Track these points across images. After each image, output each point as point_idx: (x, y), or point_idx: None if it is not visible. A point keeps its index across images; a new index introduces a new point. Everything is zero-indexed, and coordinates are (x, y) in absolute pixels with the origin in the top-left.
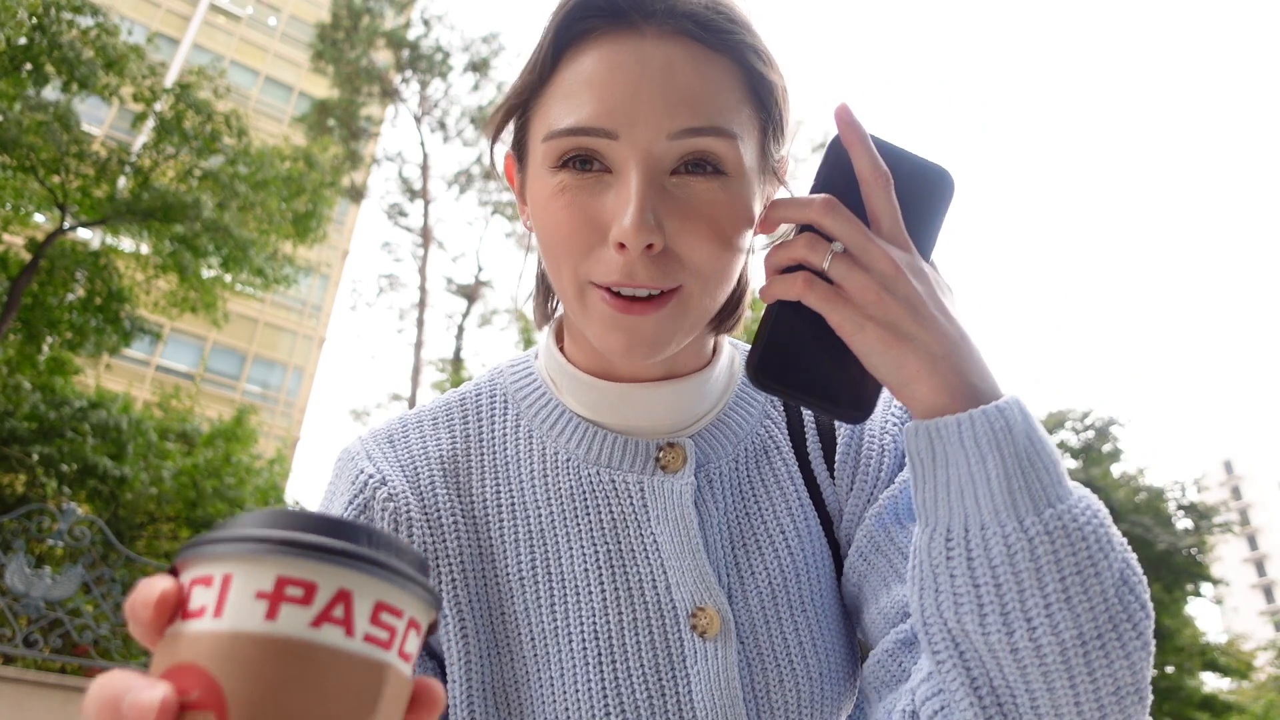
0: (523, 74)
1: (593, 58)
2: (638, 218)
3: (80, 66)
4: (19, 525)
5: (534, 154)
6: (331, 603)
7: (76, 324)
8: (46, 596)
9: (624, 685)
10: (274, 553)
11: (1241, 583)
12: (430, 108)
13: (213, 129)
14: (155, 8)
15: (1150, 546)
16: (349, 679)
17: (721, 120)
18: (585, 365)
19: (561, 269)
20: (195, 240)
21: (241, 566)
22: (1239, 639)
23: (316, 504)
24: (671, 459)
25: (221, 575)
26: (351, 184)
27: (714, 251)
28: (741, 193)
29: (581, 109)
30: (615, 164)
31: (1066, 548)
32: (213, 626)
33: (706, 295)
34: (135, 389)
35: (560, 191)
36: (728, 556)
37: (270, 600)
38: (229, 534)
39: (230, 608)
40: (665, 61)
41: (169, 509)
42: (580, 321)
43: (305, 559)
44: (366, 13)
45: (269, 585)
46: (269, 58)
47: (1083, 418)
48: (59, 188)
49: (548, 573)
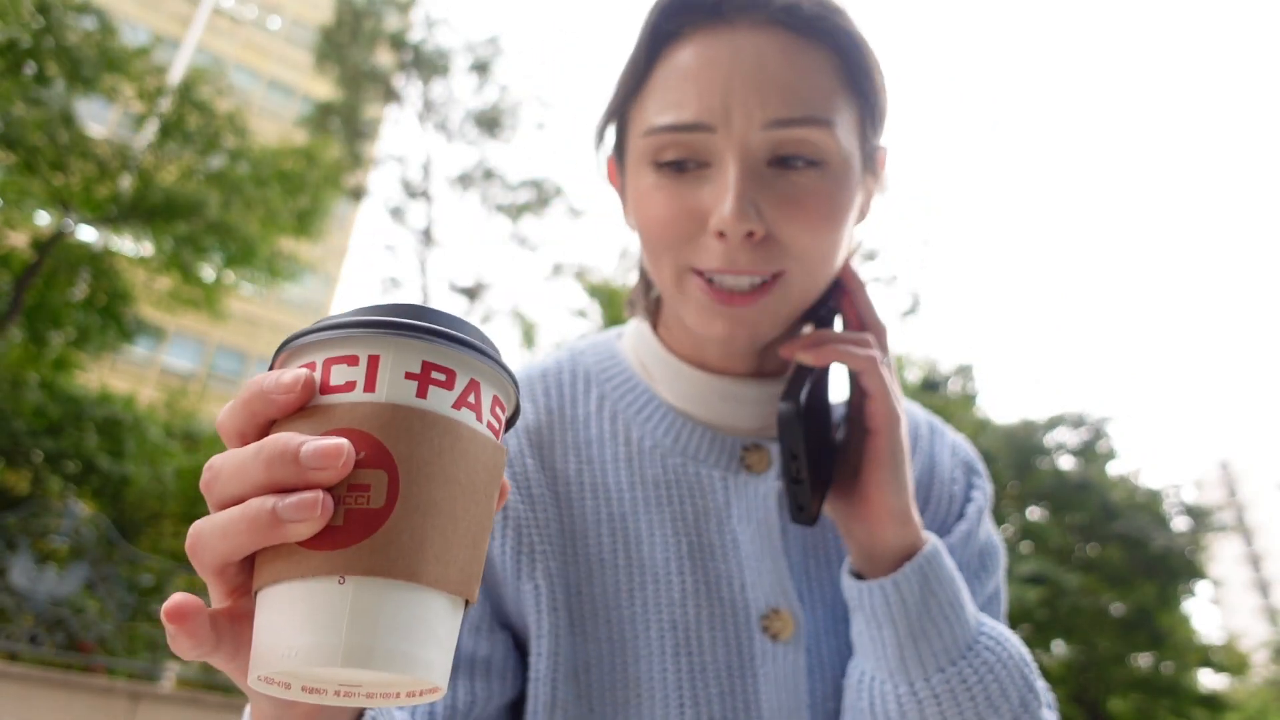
0: (621, 76)
1: (687, 53)
2: (737, 205)
3: (84, 67)
4: (24, 523)
5: (633, 152)
6: (466, 390)
7: (80, 323)
8: (51, 594)
9: (699, 678)
10: (421, 339)
11: (1237, 581)
12: (432, 109)
13: (215, 128)
14: (157, 10)
15: (1147, 546)
16: (482, 455)
17: (815, 110)
18: (680, 354)
19: (661, 258)
20: (198, 239)
21: (389, 349)
22: (1235, 637)
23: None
24: (757, 460)
25: (367, 355)
26: (354, 184)
27: (816, 238)
28: (840, 179)
29: (678, 105)
30: (713, 156)
31: (953, 708)
32: (369, 398)
33: (809, 279)
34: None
35: (659, 185)
36: (802, 564)
37: (419, 381)
38: (361, 319)
39: (384, 384)
40: (756, 53)
41: (172, 507)
42: (679, 308)
43: (446, 348)
44: (369, 15)
45: (416, 368)
46: (272, 60)
47: (1080, 417)
48: (62, 187)
49: (628, 558)
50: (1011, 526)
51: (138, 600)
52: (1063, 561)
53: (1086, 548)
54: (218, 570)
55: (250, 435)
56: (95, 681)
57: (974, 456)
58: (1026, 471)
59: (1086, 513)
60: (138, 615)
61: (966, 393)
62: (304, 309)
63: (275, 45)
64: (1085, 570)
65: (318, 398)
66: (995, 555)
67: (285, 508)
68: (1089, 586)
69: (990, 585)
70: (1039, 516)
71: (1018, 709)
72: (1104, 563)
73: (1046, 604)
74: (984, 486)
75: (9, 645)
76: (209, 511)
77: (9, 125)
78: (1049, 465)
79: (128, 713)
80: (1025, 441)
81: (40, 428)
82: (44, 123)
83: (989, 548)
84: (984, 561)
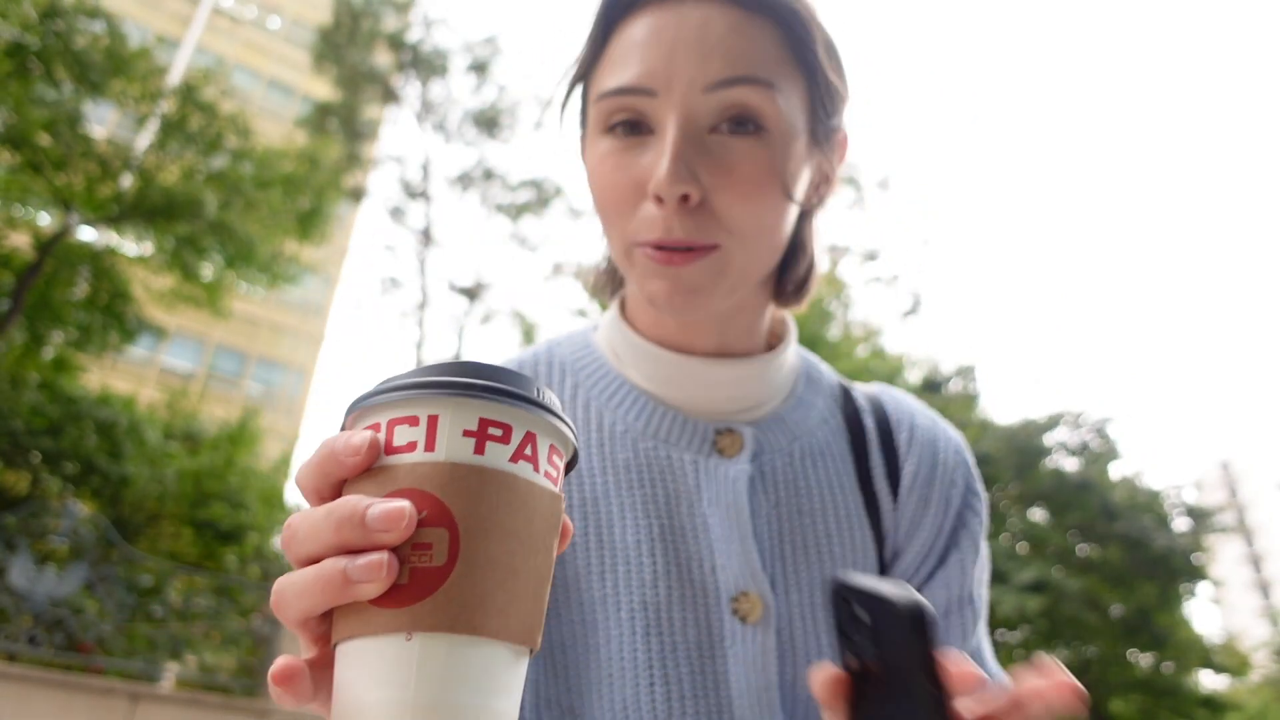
0: (579, 55)
1: (638, 25)
2: (671, 168)
3: (92, 71)
4: (23, 524)
5: (589, 122)
6: (523, 442)
7: (81, 322)
8: (50, 595)
9: (669, 658)
10: (477, 397)
11: (1238, 581)
12: (431, 109)
13: (217, 129)
14: (157, 10)
15: (1148, 547)
16: (540, 505)
17: (756, 69)
18: (647, 335)
19: (611, 231)
20: (198, 239)
21: (447, 408)
22: (1236, 637)
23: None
24: (728, 444)
25: (427, 415)
26: (353, 185)
27: (750, 206)
28: (781, 149)
29: (624, 71)
30: (656, 123)
31: None
32: (429, 458)
33: (745, 253)
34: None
35: (607, 155)
36: (774, 549)
37: (477, 438)
38: (421, 380)
39: (443, 443)
40: (702, 19)
41: (171, 508)
42: (629, 279)
43: (502, 404)
44: (368, 15)
45: (473, 425)
46: (271, 60)
47: (1081, 417)
48: (64, 187)
49: (599, 540)
50: (1012, 529)
51: (137, 601)
52: (1063, 562)
53: (1087, 548)
54: (300, 624)
55: (325, 493)
56: (94, 682)
57: (973, 463)
58: (1027, 472)
59: (1087, 513)
60: (137, 616)
61: (968, 393)
62: (304, 309)
63: (275, 45)
64: (1086, 571)
65: (383, 458)
66: (984, 572)
67: (354, 570)
68: (1090, 589)
69: (980, 604)
70: (1039, 517)
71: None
72: (1104, 563)
73: (1046, 614)
74: (982, 505)
75: (8, 646)
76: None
77: (14, 125)
78: (1049, 465)
79: (127, 713)
80: (1026, 442)
81: (40, 428)
82: (48, 123)
83: (980, 568)
84: (977, 612)
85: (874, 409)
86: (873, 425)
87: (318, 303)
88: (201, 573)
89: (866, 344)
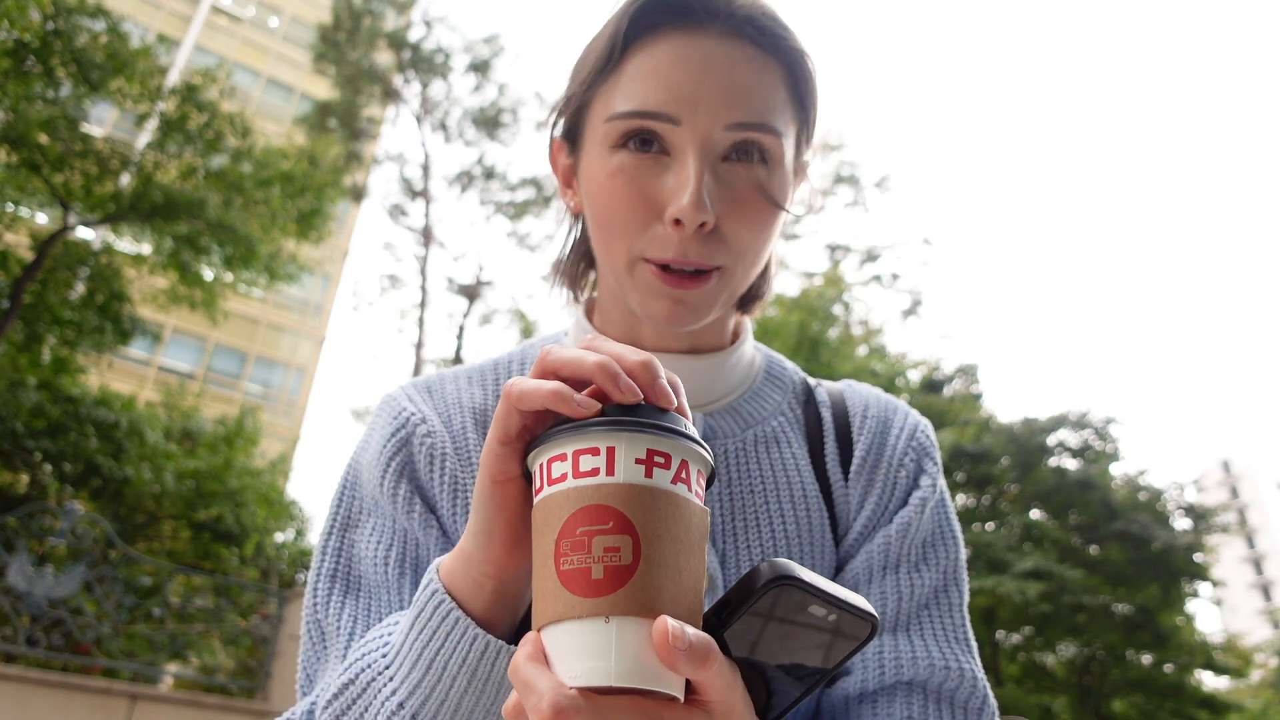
0: (589, 64)
1: (661, 50)
2: (695, 197)
3: (93, 70)
4: (22, 524)
5: (592, 135)
6: (680, 468)
7: (78, 322)
8: (49, 595)
9: None
10: (645, 432)
11: (1239, 582)
12: (431, 108)
13: (217, 129)
14: (157, 9)
15: (1149, 546)
16: (694, 518)
17: (771, 118)
18: (613, 337)
19: (614, 243)
20: (197, 239)
21: (621, 441)
22: (1236, 638)
23: (355, 445)
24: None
25: (606, 447)
26: (353, 184)
27: (753, 234)
28: (782, 185)
29: (648, 94)
30: (674, 148)
31: None
32: (611, 480)
33: (743, 274)
34: (139, 389)
35: (619, 170)
36: (726, 526)
37: (646, 465)
38: (600, 420)
39: (620, 468)
40: (727, 59)
41: (171, 508)
42: (626, 292)
43: (665, 437)
44: (368, 14)
45: (643, 454)
46: (270, 59)
47: (1083, 417)
48: (62, 185)
49: None
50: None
51: (136, 601)
52: (1064, 560)
53: (1088, 547)
54: (518, 435)
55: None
56: (93, 683)
57: (932, 444)
58: (1029, 471)
59: (1088, 512)
60: (136, 616)
61: (970, 392)
62: (304, 309)
63: (274, 44)
64: (1087, 569)
65: (572, 480)
66: (943, 548)
67: (581, 400)
68: (1091, 583)
69: (932, 577)
70: (1041, 516)
71: None
72: (1105, 562)
73: (1048, 598)
74: (935, 476)
75: (7, 646)
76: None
77: (13, 123)
78: (1051, 465)
79: (126, 713)
80: (1028, 441)
81: (39, 428)
82: (47, 121)
83: (935, 539)
84: (925, 554)
85: (834, 402)
86: (829, 417)
87: (318, 303)
88: (200, 573)
89: (867, 344)
